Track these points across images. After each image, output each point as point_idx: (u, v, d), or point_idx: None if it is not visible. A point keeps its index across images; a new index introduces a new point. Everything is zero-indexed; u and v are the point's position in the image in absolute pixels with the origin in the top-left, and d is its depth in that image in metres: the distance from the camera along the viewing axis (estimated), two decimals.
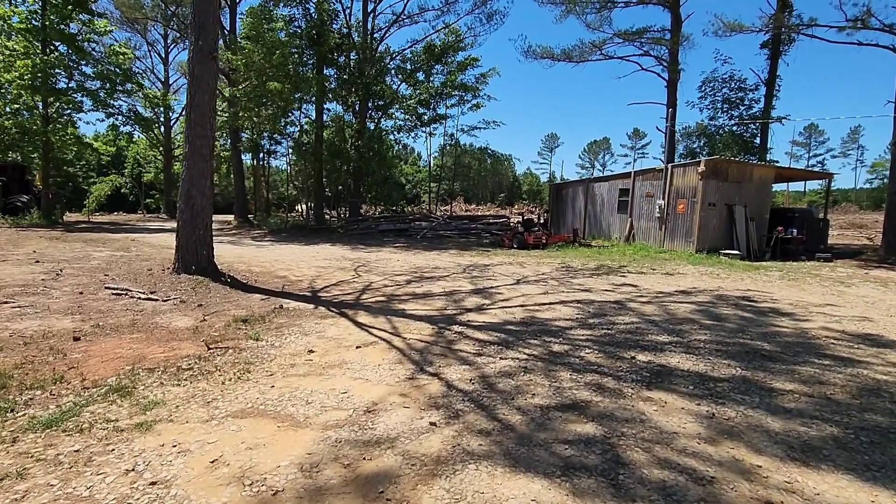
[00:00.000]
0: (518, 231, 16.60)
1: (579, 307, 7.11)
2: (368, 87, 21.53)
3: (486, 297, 7.84)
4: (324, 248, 15.89)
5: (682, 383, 4.00)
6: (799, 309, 7.44)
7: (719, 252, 14.43)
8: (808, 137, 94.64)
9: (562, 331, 5.73)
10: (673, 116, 19.38)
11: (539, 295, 8.06)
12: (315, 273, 10.00)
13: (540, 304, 7.27)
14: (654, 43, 22.22)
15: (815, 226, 16.71)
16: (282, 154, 27.15)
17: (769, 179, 16.02)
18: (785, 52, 21.61)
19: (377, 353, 4.70)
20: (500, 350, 4.88)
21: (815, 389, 3.92)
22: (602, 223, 19.05)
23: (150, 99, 24.10)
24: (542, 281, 9.67)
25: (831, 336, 5.77)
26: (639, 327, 5.94)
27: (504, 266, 11.96)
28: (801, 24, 16.59)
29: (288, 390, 3.65)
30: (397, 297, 7.69)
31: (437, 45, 25.73)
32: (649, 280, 10.12)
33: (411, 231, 21.25)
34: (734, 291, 8.88)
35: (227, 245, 15.96)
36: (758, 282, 10.25)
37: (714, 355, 4.82)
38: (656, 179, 16.47)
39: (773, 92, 21.83)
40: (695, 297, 8.16)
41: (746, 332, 5.87)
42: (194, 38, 7.52)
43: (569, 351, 4.89)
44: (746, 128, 22.33)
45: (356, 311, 6.56)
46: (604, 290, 8.64)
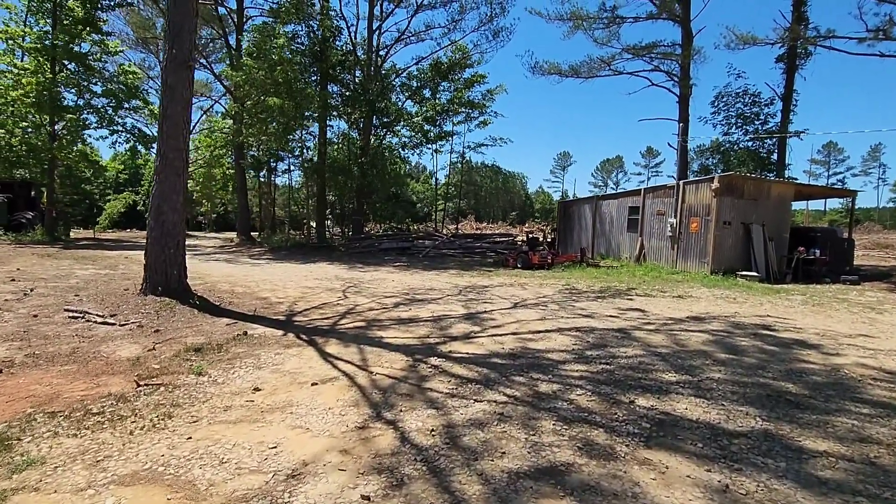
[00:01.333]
0: (522, 250, 15.93)
1: (578, 336, 6.39)
2: (372, 104, 21.29)
3: (476, 323, 7.17)
4: (320, 267, 15.38)
5: (689, 438, 3.28)
6: (827, 340, 6.62)
7: (736, 273, 13.56)
8: (826, 156, 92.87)
9: (554, 365, 5.03)
10: (685, 132, 18.70)
11: (535, 321, 7.36)
12: (300, 294, 9.44)
13: (534, 333, 6.57)
14: (665, 58, 21.70)
15: (839, 246, 15.74)
16: (283, 171, 26.94)
17: (788, 197, 15.18)
18: (801, 65, 20.90)
19: (333, 393, 4.06)
20: (478, 390, 4.21)
21: (855, 450, 3.17)
22: (611, 242, 18.28)
23: (156, 115, 24.12)
24: (542, 305, 8.96)
25: (868, 374, 4.97)
26: (643, 362, 5.21)
27: (504, 288, 11.28)
28: (819, 36, 15.94)
29: (206, 444, 3.02)
30: (379, 322, 7.06)
31: (443, 63, 25.55)
32: (659, 304, 9.35)
33: (414, 250, 20.69)
34: (752, 318, 8.07)
35: (221, 263, 15.55)
36: (778, 307, 9.41)
37: (729, 399, 4.08)
38: (668, 197, 15.73)
39: (790, 107, 21.04)
40: (708, 325, 7.39)
41: (768, 368, 5.11)
42: (168, 47, 7.15)
43: (558, 392, 4.19)
44: (762, 143, 21.52)
45: (328, 338, 5.94)
46: (608, 316, 7.90)
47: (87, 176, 61.70)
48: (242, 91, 18.87)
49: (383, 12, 24.55)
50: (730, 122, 22.33)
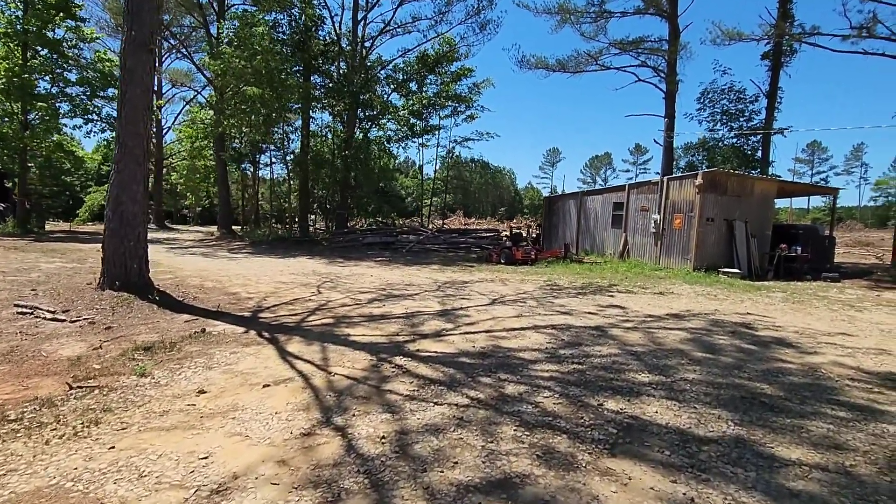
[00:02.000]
0: (506, 246, 15.73)
1: (553, 334, 6.20)
2: (356, 96, 20.88)
3: (450, 320, 6.94)
4: (299, 261, 15.04)
5: (656, 445, 3.09)
6: (805, 338, 6.51)
7: (718, 270, 13.51)
8: (810, 154, 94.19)
9: (524, 365, 4.82)
10: (670, 128, 18.62)
11: (511, 318, 7.15)
12: (272, 289, 9.13)
13: (509, 330, 6.36)
14: (652, 53, 21.57)
15: (820, 243, 15.80)
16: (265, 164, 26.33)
17: (771, 194, 15.17)
18: (786, 63, 20.93)
19: (284, 395, 3.80)
20: (441, 392, 3.98)
21: (829, 458, 3.00)
22: (595, 238, 18.17)
23: None
24: (521, 301, 8.76)
25: (845, 375, 4.84)
26: (616, 361, 5.03)
27: (484, 284, 11.07)
28: (804, 33, 15.91)
29: (129, 454, 2.75)
30: (349, 319, 6.80)
31: (430, 55, 25.19)
32: (639, 301, 9.21)
33: (398, 244, 20.40)
34: (732, 316, 7.95)
35: (197, 257, 15.14)
36: (759, 304, 9.32)
37: (702, 402, 3.90)
38: (652, 193, 15.63)
39: (775, 104, 21.06)
40: (687, 323, 7.24)
41: (744, 368, 4.95)
42: (127, 28, 6.78)
43: (524, 394, 3.98)
44: (747, 140, 21.54)
45: (291, 336, 5.67)
46: (586, 314, 7.73)
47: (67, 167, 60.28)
48: (221, 81, 18.34)
49: (368, 2, 24.11)
50: (715, 119, 22.36)
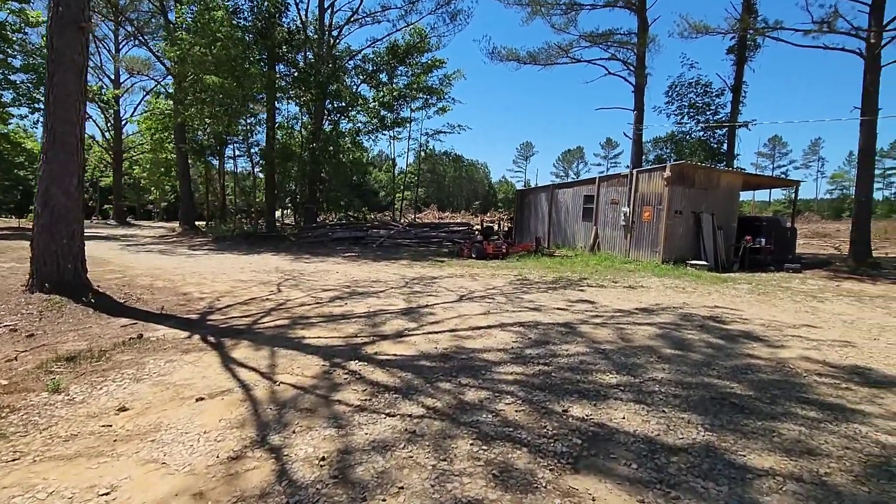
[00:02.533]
0: (477, 240, 15.49)
1: (520, 332, 5.95)
2: (324, 87, 20.19)
3: (414, 319, 6.62)
4: (263, 258, 14.44)
5: (623, 457, 2.85)
6: (772, 331, 6.46)
7: (686, 262, 13.60)
8: (772, 149, 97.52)
9: (487, 367, 4.54)
10: (639, 121, 18.68)
11: (478, 316, 6.88)
12: (228, 288, 8.62)
13: (474, 329, 6.09)
14: (621, 46, 21.60)
15: (783, 235, 16.12)
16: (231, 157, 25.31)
17: (737, 187, 15.37)
18: (751, 57, 21.30)
19: (219, 410, 3.41)
20: (395, 401, 3.66)
21: (803, 466, 2.82)
22: (567, 231, 18.12)
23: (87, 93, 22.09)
24: (489, 298, 8.51)
25: (814, 370, 4.75)
26: (584, 361, 4.81)
27: (453, 279, 10.78)
28: (767, 27, 16.12)
29: (12, 493, 2.33)
30: (306, 319, 6.40)
31: (400, 46, 24.63)
32: (609, 295, 9.09)
33: (368, 239, 19.92)
34: (701, 309, 7.89)
35: (154, 255, 14.36)
36: (726, 296, 9.33)
37: (672, 405, 3.70)
38: (621, 186, 15.63)
39: (740, 98, 21.46)
40: (657, 317, 7.12)
41: (714, 365, 4.80)
42: (53, 3, 6.15)
43: (485, 401, 3.70)
44: (713, 134, 21.87)
45: (239, 340, 5.25)
46: (555, 309, 7.53)
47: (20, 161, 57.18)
48: (179, 69, 17.39)
49: None
50: (683, 112, 22.63)
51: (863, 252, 15.03)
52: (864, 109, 14.67)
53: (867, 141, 14.98)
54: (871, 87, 14.66)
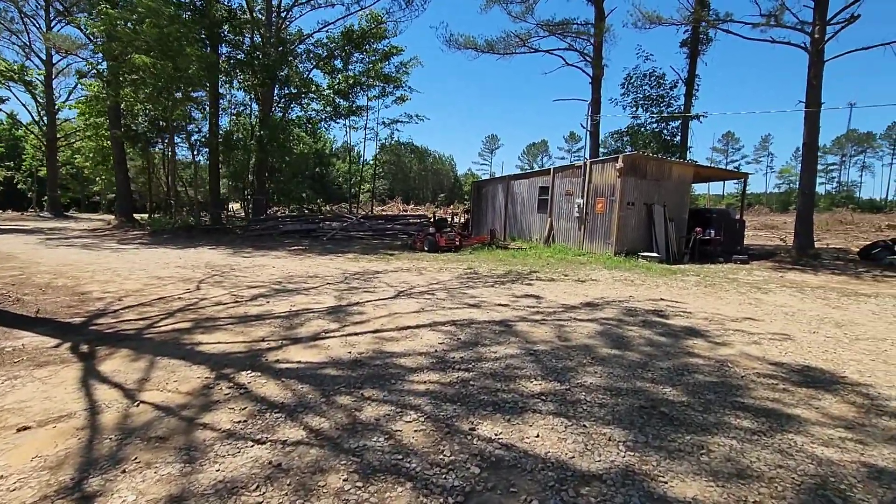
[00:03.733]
0: (429, 233, 14.95)
1: (450, 333, 5.46)
2: (271, 70, 19.06)
3: (338, 318, 6.02)
4: (198, 252, 13.44)
5: (524, 490, 2.38)
6: (715, 326, 6.22)
7: (638, 255, 13.49)
8: (725, 144, 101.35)
9: (400, 376, 4.02)
10: (596, 112, 18.54)
11: (410, 314, 6.35)
12: (139, 287, 7.76)
13: (401, 329, 5.55)
14: (578, 36, 21.41)
15: (732, 227, 16.33)
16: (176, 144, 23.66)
17: (688, 178, 15.41)
18: (703, 51, 21.53)
19: (41, 443, 2.74)
20: (274, 423, 3.08)
21: (731, 493, 2.42)
22: (522, 223, 17.83)
23: (4, 73, 20.08)
24: (430, 293, 7.99)
25: (752, 368, 4.45)
26: (511, 365, 4.35)
27: (398, 274, 10.21)
28: (718, 20, 16.19)
29: None
30: (213, 321, 5.70)
31: (355, 31, 23.65)
32: (557, 289, 8.74)
33: (319, 232, 19.05)
34: (646, 303, 7.63)
35: (75, 249, 13.13)
36: (673, 289, 9.15)
37: (595, 418, 3.27)
38: (576, 177, 15.40)
39: (693, 91, 21.70)
40: (599, 313, 6.78)
41: (650, 366, 4.44)
42: None
43: (382, 419, 3.17)
44: (667, 126, 22.06)
45: (118, 349, 4.52)
46: (497, 305, 7.08)
47: None
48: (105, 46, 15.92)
49: None
50: (638, 104, 22.71)
51: (806, 243, 15.37)
52: (808, 103, 14.92)
53: (811, 135, 15.27)
54: (815, 80, 14.91)
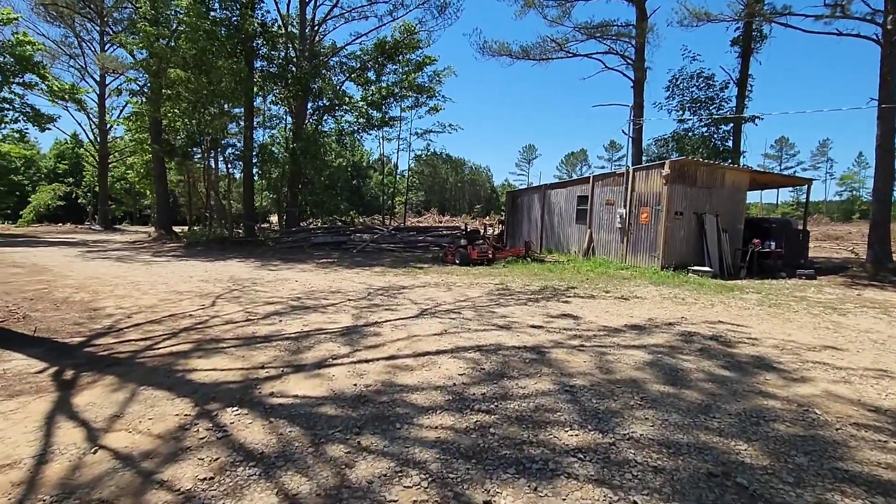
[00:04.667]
0: (460, 245, 14.32)
1: (473, 361, 4.79)
2: (303, 82, 19.11)
3: (351, 341, 5.47)
4: (226, 265, 13.35)
5: None
6: (788, 355, 5.26)
7: (688, 269, 12.37)
8: (779, 151, 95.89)
9: (409, 417, 3.39)
10: (638, 116, 17.51)
11: (431, 337, 5.72)
12: (154, 302, 7.50)
13: (418, 356, 4.93)
14: (618, 38, 20.45)
15: (794, 238, 14.86)
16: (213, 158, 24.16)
17: (743, 185, 14.13)
18: (757, 49, 20.05)
19: None
20: (245, 481, 2.52)
21: None
22: (560, 235, 16.92)
23: (56, 92, 21.23)
24: (456, 311, 7.34)
25: (846, 416, 3.55)
26: (542, 406, 3.64)
27: (425, 289, 9.62)
28: (775, 13, 14.93)
29: None
30: (216, 342, 5.26)
31: (388, 42, 23.58)
32: (597, 308, 7.89)
33: (350, 244, 18.80)
34: (702, 326, 6.69)
35: (108, 262, 13.30)
36: (732, 309, 8.11)
37: (650, 488, 2.52)
38: (617, 185, 14.43)
39: (745, 92, 20.20)
40: (648, 338, 5.93)
41: (715, 411, 3.62)
42: None
43: (377, 481, 2.54)
44: (717, 128, 20.60)
45: (103, 375, 4.12)
46: (529, 327, 6.35)
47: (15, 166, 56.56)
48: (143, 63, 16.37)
49: None
50: (684, 107, 21.32)
51: (882, 256, 13.74)
52: (881, 100, 13.42)
53: (885, 135, 13.72)
54: (889, 76, 13.41)
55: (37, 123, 21.01)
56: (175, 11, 14.91)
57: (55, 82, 20.86)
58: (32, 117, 20.76)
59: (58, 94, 21.29)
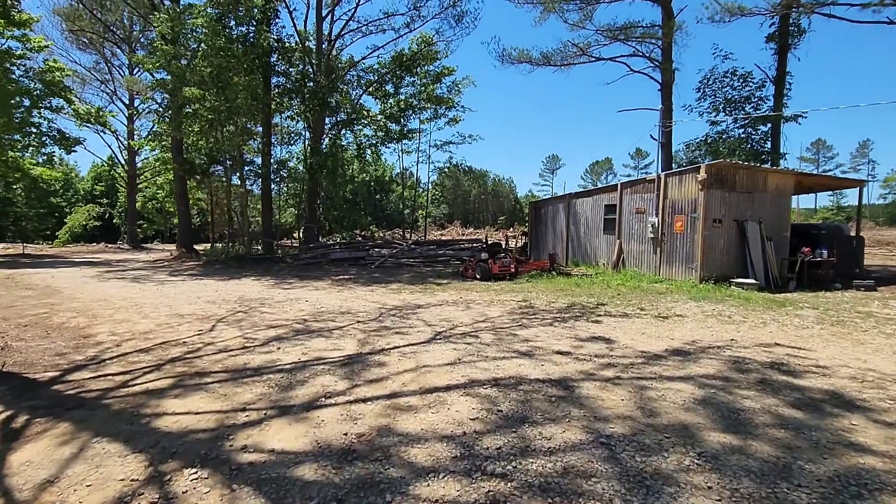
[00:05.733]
0: (481, 259, 13.60)
1: (490, 399, 4.07)
2: (319, 97, 18.88)
3: (351, 374, 4.82)
4: (237, 284, 12.96)
5: None
6: (872, 389, 4.36)
7: (730, 281, 11.32)
8: (816, 153, 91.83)
9: (404, 484, 2.70)
10: (667, 116, 16.58)
11: (443, 368, 5.02)
12: (151, 328, 7.04)
13: (426, 393, 4.24)
14: (643, 39, 19.57)
15: (846, 245, 13.60)
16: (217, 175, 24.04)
17: (787, 189, 12.99)
18: (795, 44, 18.85)
19: None
20: None
21: None
22: (587, 246, 16.01)
23: (83, 115, 21.69)
24: (474, 335, 6.62)
25: None
26: (572, 467, 2.89)
27: (441, 308, 8.94)
28: (817, 3, 13.87)
29: None
30: (200, 377, 4.69)
31: (406, 54, 23.31)
32: (632, 329, 7.06)
33: (368, 259, 18.31)
34: (756, 350, 5.79)
35: (123, 282, 13.09)
36: (788, 328, 7.14)
37: None
38: (648, 192, 13.51)
39: (783, 90, 18.95)
40: (695, 366, 5.09)
41: (798, 476, 2.81)
42: None
43: None
44: (755, 129, 19.34)
45: (59, 422, 3.57)
46: (554, 354, 5.59)
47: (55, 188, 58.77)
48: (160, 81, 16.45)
49: None
50: (717, 108, 20.14)
51: None
52: None
53: None
54: None
55: (63, 146, 21.50)
56: (191, 30, 14.93)
57: (81, 106, 21.35)
58: (58, 140, 21.25)
59: (84, 118, 21.82)
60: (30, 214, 55.67)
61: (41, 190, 54.09)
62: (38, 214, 56.46)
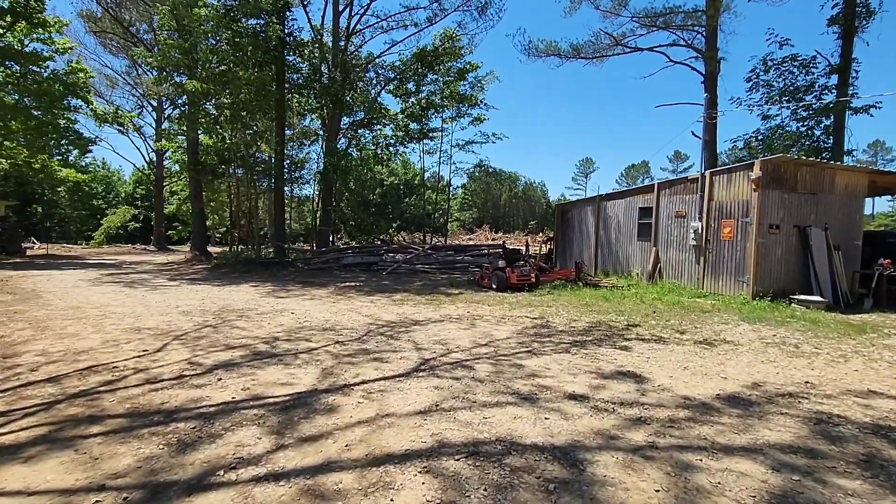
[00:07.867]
0: (497, 267, 12.23)
1: (461, 479, 2.79)
2: (332, 93, 17.96)
3: (284, 425, 3.61)
4: (230, 290, 12.04)
5: None
6: None
7: (790, 298, 9.57)
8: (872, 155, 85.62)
9: None
10: (712, 107, 14.79)
11: (411, 419, 3.75)
12: (91, 346, 6.05)
13: (374, 464, 2.98)
14: (684, 27, 17.75)
15: None
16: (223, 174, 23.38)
17: (859, 190, 11.05)
18: (862, 27, 16.62)
19: None
20: None
21: None
22: (618, 254, 14.37)
23: (101, 116, 21.63)
24: (467, 366, 5.32)
25: None
26: None
27: (442, 325, 7.66)
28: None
29: None
30: (90, 423, 3.59)
31: (428, 51, 22.22)
32: (671, 360, 5.59)
33: (381, 265, 17.20)
34: (846, 401, 4.26)
35: (114, 287, 12.39)
36: (879, 366, 5.52)
37: None
38: (690, 193, 11.83)
39: (848, 79, 16.71)
40: (762, 428, 3.63)
41: None
42: None
43: None
44: (817, 123, 17.11)
45: None
46: (565, 399, 4.23)
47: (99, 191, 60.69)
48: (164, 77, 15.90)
49: None
50: (772, 100, 17.97)
51: None
52: None
53: None
54: None
55: (78, 146, 21.48)
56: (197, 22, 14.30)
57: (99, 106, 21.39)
58: (74, 140, 21.21)
59: (101, 118, 21.82)
60: (73, 216, 57.93)
61: (84, 192, 55.82)
62: (81, 216, 58.63)
